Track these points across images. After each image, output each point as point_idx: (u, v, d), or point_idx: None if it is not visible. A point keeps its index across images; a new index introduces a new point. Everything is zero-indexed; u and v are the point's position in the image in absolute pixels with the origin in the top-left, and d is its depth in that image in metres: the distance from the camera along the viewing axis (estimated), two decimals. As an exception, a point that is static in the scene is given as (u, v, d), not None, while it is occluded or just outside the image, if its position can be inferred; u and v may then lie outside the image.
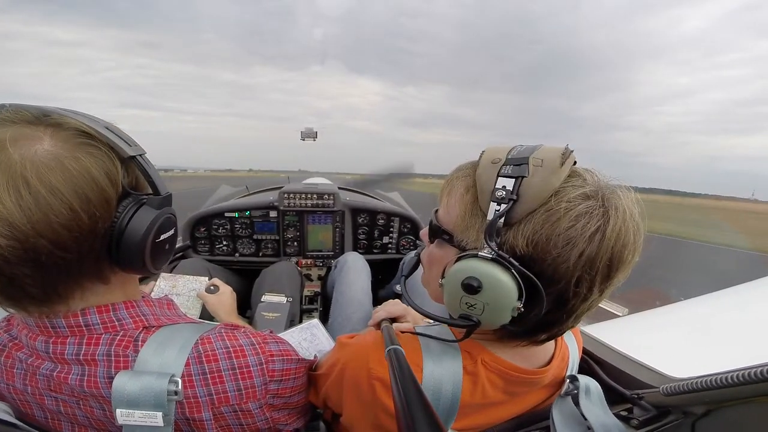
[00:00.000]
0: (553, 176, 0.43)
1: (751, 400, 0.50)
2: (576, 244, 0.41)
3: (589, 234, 0.42)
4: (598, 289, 0.44)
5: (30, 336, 0.47)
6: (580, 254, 0.41)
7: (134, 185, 0.46)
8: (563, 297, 0.44)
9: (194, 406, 0.48)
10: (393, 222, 1.88)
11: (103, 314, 0.47)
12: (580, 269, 0.42)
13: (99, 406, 0.47)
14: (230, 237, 1.76)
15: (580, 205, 0.42)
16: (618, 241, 0.43)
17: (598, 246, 0.42)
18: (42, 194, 0.36)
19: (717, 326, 0.97)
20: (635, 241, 0.44)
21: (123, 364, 0.46)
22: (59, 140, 0.39)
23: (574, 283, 0.43)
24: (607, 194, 0.44)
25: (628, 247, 0.44)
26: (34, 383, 0.48)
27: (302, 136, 2.00)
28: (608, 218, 0.42)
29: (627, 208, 0.44)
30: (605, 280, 0.44)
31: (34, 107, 0.40)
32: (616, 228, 0.42)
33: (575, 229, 0.42)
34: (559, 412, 0.55)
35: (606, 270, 0.43)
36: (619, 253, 0.43)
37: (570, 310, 0.46)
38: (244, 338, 0.53)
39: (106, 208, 0.41)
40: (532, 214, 0.43)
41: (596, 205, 0.43)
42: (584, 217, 0.42)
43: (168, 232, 0.49)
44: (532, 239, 0.43)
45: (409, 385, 0.40)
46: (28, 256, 0.37)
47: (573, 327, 0.50)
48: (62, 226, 0.38)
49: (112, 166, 0.42)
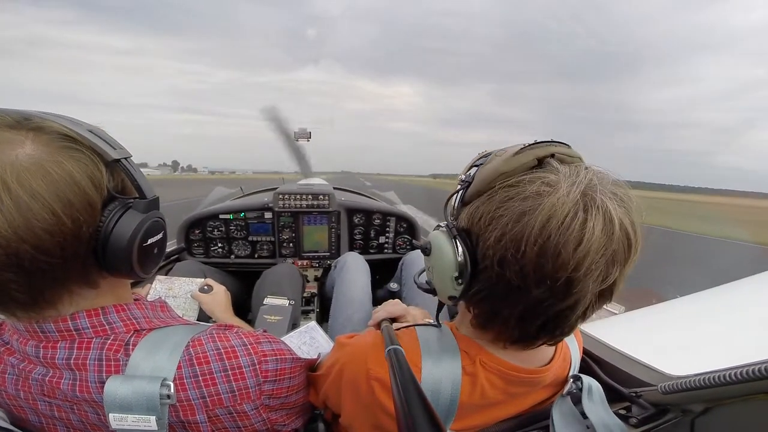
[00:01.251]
0: (504, 163, 0.45)
1: (750, 398, 0.50)
2: (500, 222, 0.42)
3: (517, 214, 0.40)
4: (542, 287, 0.40)
5: (21, 341, 0.46)
6: (502, 233, 0.41)
7: (120, 189, 0.45)
8: (494, 280, 0.42)
9: (188, 409, 0.47)
10: (389, 222, 1.87)
11: (93, 318, 0.46)
12: (503, 249, 0.41)
13: (93, 411, 0.47)
14: (225, 239, 1.75)
15: (522, 189, 0.42)
16: (549, 225, 0.38)
17: (522, 229, 0.39)
18: (23, 199, 0.36)
19: (715, 323, 0.98)
20: (581, 232, 0.38)
21: (114, 368, 0.45)
22: (41, 144, 0.39)
23: (498, 262, 0.41)
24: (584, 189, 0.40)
25: (571, 240, 0.38)
26: (27, 388, 0.47)
27: (296, 137, 1.99)
28: (542, 201, 0.39)
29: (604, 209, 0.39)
30: (549, 275, 0.39)
31: (14, 111, 0.40)
32: (559, 215, 0.38)
33: (505, 208, 0.42)
34: (558, 412, 0.55)
35: (536, 257, 0.39)
36: (554, 241, 0.38)
37: (514, 303, 0.43)
38: (236, 339, 0.52)
39: (90, 212, 0.41)
40: (480, 195, 0.46)
41: (541, 190, 0.40)
42: (517, 199, 0.41)
43: (156, 236, 0.48)
44: (472, 215, 0.46)
45: (410, 385, 0.40)
46: (11, 261, 0.37)
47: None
48: (44, 231, 0.37)
49: (95, 169, 0.42)
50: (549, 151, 0.45)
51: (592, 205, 0.39)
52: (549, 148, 0.45)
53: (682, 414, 0.59)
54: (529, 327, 0.45)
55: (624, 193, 0.43)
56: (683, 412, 0.59)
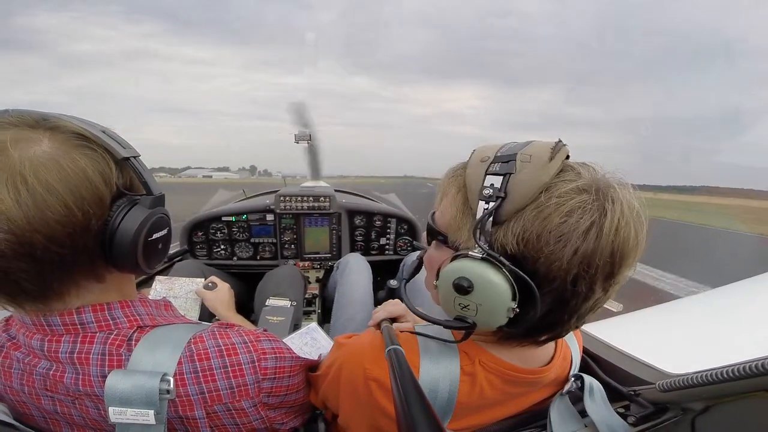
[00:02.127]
0: (542, 171, 0.42)
1: (750, 395, 0.49)
2: (569, 240, 0.40)
3: (584, 229, 0.40)
4: (601, 288, 0.42)
5: (27, 334, 0.48)
6: (575, 251, 0.39)
7: (128, 186, 0.47)
8: (562, 297, 0.42)
9: (186, 404, 0.48)
10: (390, 223, 1.88)
11: (98, 313, 0.47)
12: (577, 267, 0.40)
13: (93, 406, 0.47)
14: (228, 241, 1.76)
15: (572, 200, 0.41)
16: (617, 236, 0.40)
17: (595, 242, 0.40)
18: (39, 191, 0.38)
19: (714, 324, 0.97)
20: (637, 236, 0.42)
21: (116, 363, 0.46)
22: (57, 142, 0.41)
23: (571, 281, 0.41)
24: (602, 187, 0.42)
25: (629, 242, 0.41)
26: (31, 383, 0.48)
27: (296, 139, 2.00)
28: (604, 212, 0.40)
29: (625, 200, 0.42)
30: (608, 278, 0.42)
31: (35, 112, 0.43)
32: (614, 222, 0.40)
33: (567, 225, 0.40)
34: (556, 411, 0.55)
35: (608, 267, 0.41)
36: (621, 249, 0.41)
37: (571, 310, 0.43)
38: (237, 336, 0.53)
39: (99, 206, 0.43)
40: (521, 211, 0.42)
41: (590, 199, 0.41)
42: (577, 212, 0.40)
43: (161, 231, 0.49)
44: (522, 237, 0.41)
45: (409, 385, 0.40)
46: (24, 250, 0.38)
47: (576, 328, 0.48)
48: (57, 222, 0.39)
49: (106, 166, 0.44)
50: (565, 152, 0.45)
51: (638, 218, 0.43)
52: (565, 149, 0.45)
53: (683, 412, 0.58)
54: (579, 323, 0.47)
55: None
56: (683, 410, 0.58)
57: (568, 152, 0.45)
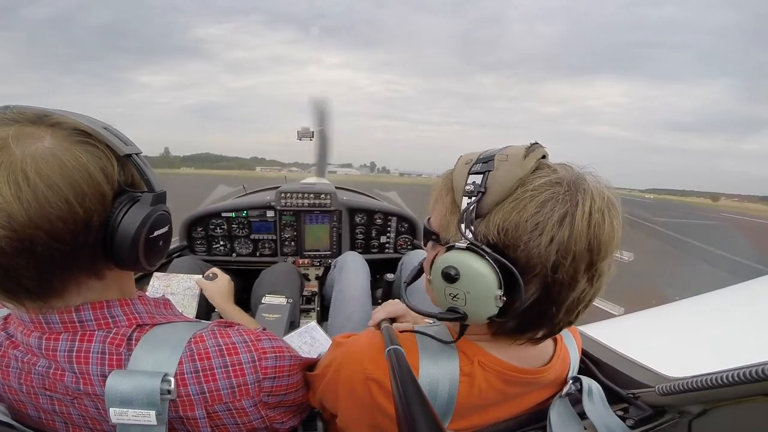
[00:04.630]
0: (518, 167, 0.45)
1: (747, 400, 0.50)
2: (544, 228, 0.42)
3: (558, 218, 0.42)
4: (585, 277, 0.44)
5: (24, 332, 0.47)
6: (551, 239, 0.42)
7: (130, 182, 0.47)
8: (545, 285, 0.44)
9: (187, 404, 0.48)
10: (390, 221, 1.88)
11: (97, 311, 0.47)
12: (555, 254, 0.42)
13: (93, 405, 0.47)
14: (227, 237, 1.76)
15: (546, 192, 0.44)
16: (591, 223, 0.43)
17: (569, 229, 0.42)
18: (40, 187, 0.38)
19: (713, 326, 0.98)
20: (612, 222, 0.44)
21: (116, 362, 0.46)
22: (59, 138, 0.41)
23: (551, 268, 0.43)
24: (574, 180, 0.45)
25: (603, 229, 0.43)
26: (29, 382, 0.48)
27: (299, 136, 1.99)
28: (576, 201, 0.43)
29: (596, 190, 0.45)
30: (589, 266, 0.44)
31: (36, 108, 0.43)
32: (586, 210, 0.43)
33: (542, 214, 0.43)
34: (556, 413, 0.55)
35: (587, 255, 0.43)
36: (596, 236, 0.43)
37: (558, 301, 0.45)
38: (237, 336, 0.53)
39: (101, 202, 0.42)
40: (500, 204, 0.45)
41: (562, 190, 0.44)
42: (550, 202, 0.43)
43: (162, 228, 0.49)
44: (502, 227, 0.44)
45: (409, 385, 0.40)
46: (24, 246, 0.38)
47: (570, 324, 0.49)
48: (58, 218, 0.39)
49: (108, 163, 0.44)
50: (542, 152, 0.48)
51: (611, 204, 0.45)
52: (541, 150, 0.48)
53: (680, 415, 0.59)
54: (571, 317, 0.48)
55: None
56: (681, 413, 0.59)
57: (545, 153, 0.48)
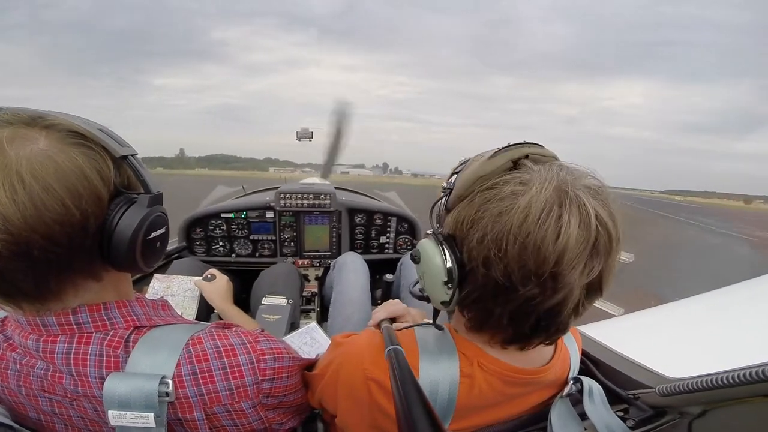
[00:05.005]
0: (481, 166, 0.46)
1: (746, 401, 0.50)
2: (479, 224, 0.43)
3: (496, 213, 0.42)
4: (531, 283, 0.40)
5: (22, 335, 0.47)
6: (483, 235, 0.42)
7: (126, 184, 0.47)
8: (484, 283, 0.44)
9: (185, 406, 0.48)
10: (390, 222, 1.87)
11: (95, 313, 0.47)
12: (486, 249, 0.42)
13: (92, 407, 0.47)
14: (227, 238, 1.76)
15: (495, 189, 0.44)
16: (527, 224, 0.40)
17: (501, 228, 0.41)
18: (36, 190, 0.38)
19: (713, 326, 0.97)
20: (568, 229, 0.39)
21: (114, 364, 0.46)
22: (53, 140, 0.41)
23: (483, 264, 0.43)
24: (534, 179, 0.42)
25: (541, 229, 0.39)
26: (28, 384, 0.48)
27: (298, 137, 1.99)
28: (517, 198, 0.41)
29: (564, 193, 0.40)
30: (536, 271, 0.40)
31: (31, 110, 0.42)
32: (525, 208, 0.40)
33: (484, 209, 0.43)
34: (557, 413, 0.55)
35: (528, 257, 0.40)
36: (532, 235, 0.39)
37: (499, 303, 0.44)
38: (235, 337, 0.53)
39: (97, 204, 0.42)
40: (462, 200, 0.47)
41: (509, 189, 0.42)
42: (495, 199, 0.43)
43: (159, 230, 0.49)
44: (457, 221, 0.47)
45: (410, 385, 0.40)
46: (21, 249, 0.38)
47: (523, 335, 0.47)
48: (54, 221, 0.38)
49: (104, 165, 0.43)
50: (522, 152, 0.47)
51: (565, 199, 0.41)
52: (522, 149, 0.47)
53: (680, 416, 0.59)
54: (522, 326, 0.45)
55: (598, 186, 0.44)
56: (681, 414, 0.59)
57: (528, 153, 0.47)
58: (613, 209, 0.43)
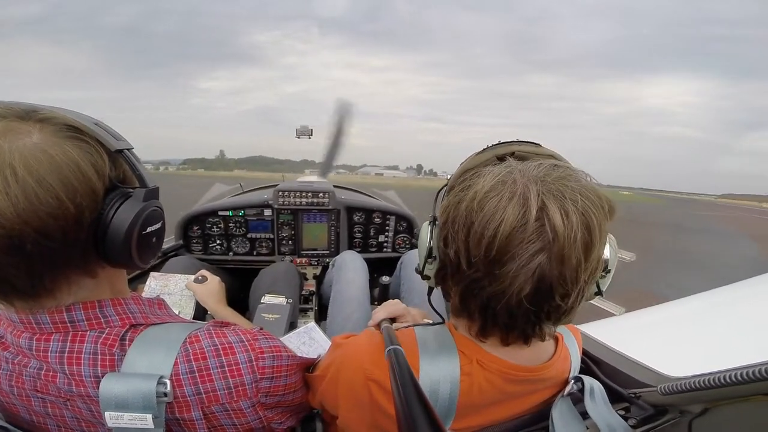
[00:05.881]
0: (470, 160, 0.51)
1: (747, 399, 0.50)
2: (450, 208, 0.47)
3: (457, 200, 0.46)
4: (474, 267, 0.43)
5: (14, 333, 0.46)
6: (447, 217, 0.47)
7: (121, 179, 0.46)
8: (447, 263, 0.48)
9: (183, 405, 0.47)
10: (389, 220, 1.87)
11: (89, 310, 0.46)
12: (446, 231, 0.47)
13: (86, 407, 0.46)
14: (224, 236, 1.75)
15: (472, 181, 0.47)
16: (474, 209, 0.43)
17: (455, 212, 0.46)
18: (29, 183, 0.37)
19: (714, 325, 0.98)
20: (494, 213, 0.41)
21: (109, 363, 0.45)
22: (48, 133, 0.40)
23: (443, 242, 0.48)
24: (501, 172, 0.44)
25: (493, 217, 0.40)
26: (21, 384, 0.47)
27: (297, 134, 1.98)
28: (470, 187, 0.45)
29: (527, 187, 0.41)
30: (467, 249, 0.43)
31: (24, 104, 0.42)
32: (477, 197, 0.43)
33: (456, 197, 0.47)
34: (558, 413, 0.55)
35: (464, 238, 0.43)
36: (477, 223, 0.42)
37: (457, 281, 0.48)
38: (233, 335, 0.52)
39: (92, 198, 0.42)
40: (451, 189, 0.51)
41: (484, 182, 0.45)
42: (464, 189, 0.46)
43: (154, 225, 0.48)
44: (443, 206, 0.51)
45: (410, 385, 0.40)
46: (14, 244, 0.37)
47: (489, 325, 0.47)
48: (48, 215, 0.38)
49: (99, 158, 0.43)
50: (509, 149, 0.50)
51: (504, 187, 0.42)
52: (510, 147, 0.50)
53: (681, 415, 0.59)
54: (471, 309, 0.48)
55: (575, 188, 0.42)
56: (682, 412, 0.59)
57: (515, 150, 0.50)
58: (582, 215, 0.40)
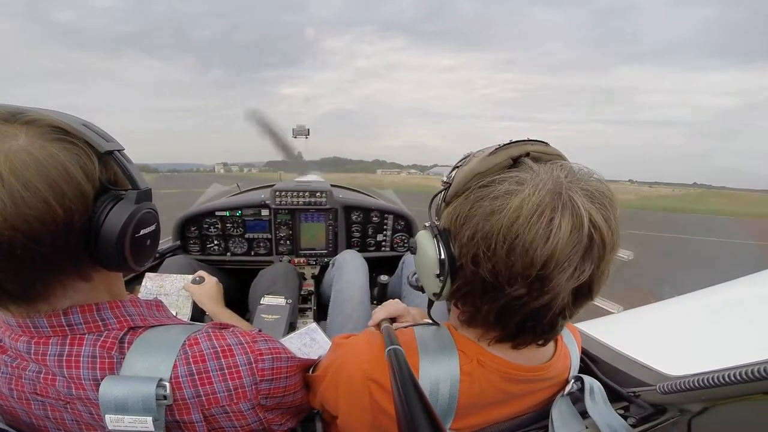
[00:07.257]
0: (479, 163, 0.46)
1: (747, 398, 0.50)
2: (472, 219, 0.43)
3: (488, 212, 0.42)
4: (519, 284, 0.41)
5: (12, 337, 0.46)
6: (474, 233, 0.43)
7: (113, 180, 0.46)
8: (473, 279, 0.44)
9: (183, 408, 0.47)
10: (387, 219, 1.87)
11: (87, 314, 0.46)
12: (475, 247, 0.42)
13: (86, 410, 0.46)
14: (222, 236, 1.74)
15: (490, 187, 0.43)
16: (517, 224, 0.39)
17: (491, 226, 0.41)
18: (16, 188, 0.36)
19: (713, 322, 0.98)
20: (549, 231, 0.39)
21: (108, 366, 0.45)
22: (34, 136, 0.39)
23: (473, 261, 0.43)
24: (530, 180, 0.42)
25: (531, 230, 0.39)
26: (20, 387, 0.47)
27: (294, 134, 1.97)
28: (509, 198, 0.41)
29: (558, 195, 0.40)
30: (523, 273, 0.40)
31: (10, 106, 0.41)
32: (517, 207, 0.40)
33: (478, 206, 0.43)
34: (558, 412, 0.55)
35: (516, 258, 0.40)
36: (521, 235, 0.39)
37: (486, 300, 0.44)
38: (233, 338, 0.52)
39: (82, 201, 0.41)
40: (459, 196, 0.47)
41: (503, 189, 0.42)
42: (489, 197, 0.43)
43: (148, 227, 0.48)
44: (453, 216, 0.47)
45: (410, 385, 0.40)
46: (3, 249, 0.36)
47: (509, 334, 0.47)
48: (37, 220, 0.37)
49: (88, 160, 0.42)
50: (524, 150, 0.46)
51: (558, 202, 0.40)
52: (524, 147, 0.46)
53: (680, 413, 0.59)
54: (508, 324, 0.46)
55: (598, 189, 0.43)
56: (681, 411, 0.59)
57: (528, 151, 0.46)
58: (611, 214, 0.42)
